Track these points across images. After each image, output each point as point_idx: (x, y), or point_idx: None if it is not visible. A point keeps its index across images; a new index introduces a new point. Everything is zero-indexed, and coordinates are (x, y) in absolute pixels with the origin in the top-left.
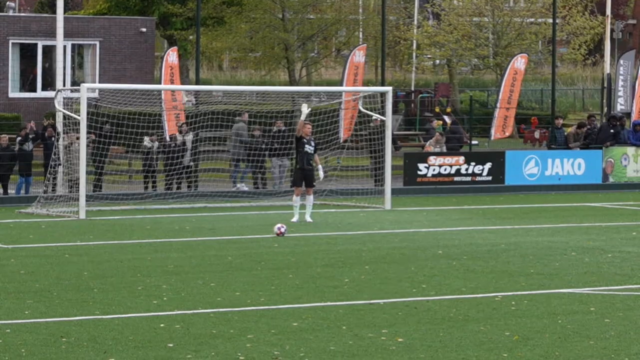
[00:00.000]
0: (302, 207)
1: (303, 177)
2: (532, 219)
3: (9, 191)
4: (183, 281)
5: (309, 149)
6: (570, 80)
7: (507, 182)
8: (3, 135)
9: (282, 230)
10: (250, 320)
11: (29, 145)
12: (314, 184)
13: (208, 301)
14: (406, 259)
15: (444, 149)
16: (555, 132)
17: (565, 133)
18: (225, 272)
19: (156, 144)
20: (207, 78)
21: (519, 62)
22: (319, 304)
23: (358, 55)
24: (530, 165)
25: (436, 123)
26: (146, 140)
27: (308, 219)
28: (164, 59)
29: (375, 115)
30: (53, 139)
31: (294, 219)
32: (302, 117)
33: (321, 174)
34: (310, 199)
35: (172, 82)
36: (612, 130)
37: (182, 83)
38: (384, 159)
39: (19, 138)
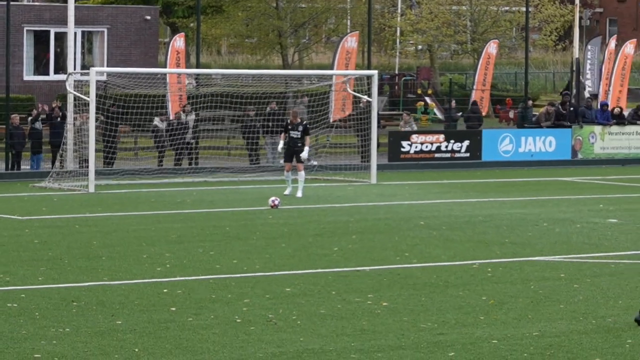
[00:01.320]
0: (295, 181)
1: (291, 154)
2: (507, 193)
3: (21, 167)
4: (184, 250)
5: (294, 134)
6: (542, 64)
7: (484, 158)
8: (14, 116)
9: (276, 202)
10: (246, 286)
11: (39, 125)
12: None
13: (207, 268)
14: (390, 229)
15: (414, 128)
16: (525, 111)
17: (535, 113)
18: (223, 242)
19: (165, 123)
20: (207, 62)
21: (492, 48)
22: (310, 270)
23: (350, 42)
24: (505, 143)
25: (427, 103)
26: (156, 120)
27: (299, 194)
28: (171, 44)
29: (363, 97)
30: (59, 119)
31: (287, 192)
32: (279, 148)
33: (304, 155)
34: (301, 174)
35: (178, 66)
36: (571, 108)
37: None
38: (370, 137)
39: (30, 118)
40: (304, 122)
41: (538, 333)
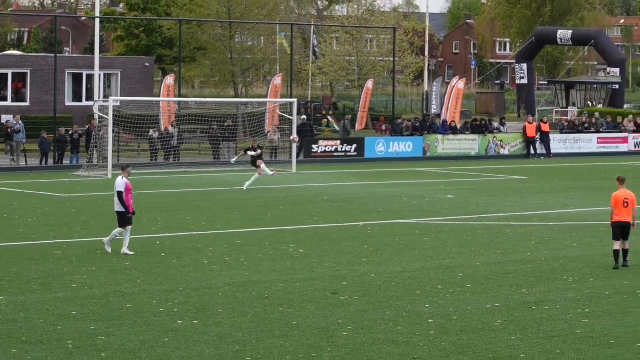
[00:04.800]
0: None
1: (252, 162)
2: (381, 178)
3: (63, 162)
4: (171, 216)
5: (251, 153)
6: (404, 95)
7: (366, 156)
8: (60, 128)
9: (275, 173)
10: (211, 239)
11: (76, 135)
12: (258, 165)
13: (186, 228)
14: (305, 202)
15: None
16: (395, 126)
17: (402, 126)
18: (196, 211)
19: (157, 134)
20: (185, 93)
21: (370, 84)
22: (252, 229)
23: (277, 80)
24: (380, 146)
25: (329, 120)
26: (152, 132)
27: (252, 180)
28: (164, 82)
29: (286, 116)
30: (92, 132)
31: (270, 173)
32: (232, 161)
33: (263, 166)
34: (261, 171)
35: (168, 96)
36: (427, 124)
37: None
38: (291, 142)
39: (70, 131)
40: (258, 144)
41: (401, 269)
